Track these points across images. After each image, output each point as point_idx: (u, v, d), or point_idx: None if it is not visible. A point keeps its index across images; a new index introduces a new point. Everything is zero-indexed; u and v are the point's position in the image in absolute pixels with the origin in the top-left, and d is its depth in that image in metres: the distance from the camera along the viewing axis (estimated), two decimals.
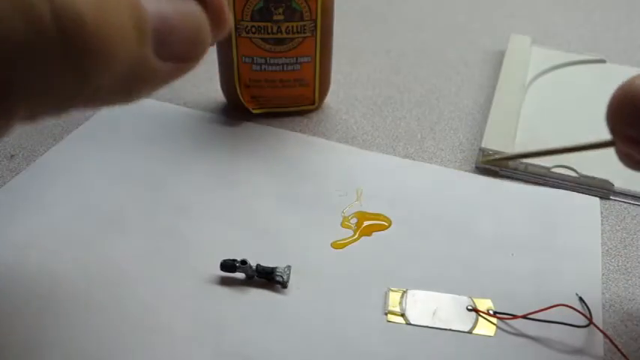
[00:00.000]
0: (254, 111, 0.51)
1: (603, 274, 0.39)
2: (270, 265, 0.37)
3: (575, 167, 0.45)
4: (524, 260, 0.39)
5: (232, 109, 0.53)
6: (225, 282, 0.37)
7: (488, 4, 0.76)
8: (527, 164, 0.46)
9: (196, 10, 0.20)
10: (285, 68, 0.49)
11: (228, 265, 0.37)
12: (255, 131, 0.51)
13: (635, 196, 0.45)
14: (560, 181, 0.46)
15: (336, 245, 0.40)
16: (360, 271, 0.38)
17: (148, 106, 0.53)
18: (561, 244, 0.41)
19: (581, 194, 0.45)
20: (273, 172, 0.46)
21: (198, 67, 0.21)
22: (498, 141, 0.47)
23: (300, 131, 0.51)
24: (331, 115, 0.53)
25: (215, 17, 0.20)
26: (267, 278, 0.37)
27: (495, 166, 0.47)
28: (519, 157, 0.35)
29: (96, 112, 0.52)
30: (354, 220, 0.42)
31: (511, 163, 0.46)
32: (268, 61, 0.49)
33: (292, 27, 0.47)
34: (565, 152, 0.33)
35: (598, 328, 0.35)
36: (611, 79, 0.57)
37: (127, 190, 0.44)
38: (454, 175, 0.47)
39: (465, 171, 0.47)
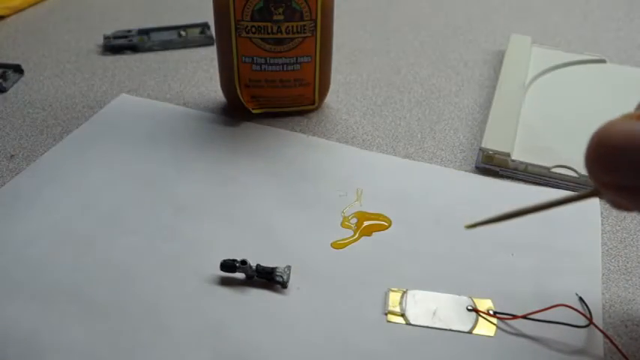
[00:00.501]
0: (254, 111, 0.51)
1: (603, 274, 0.39)
2: (270, 265, 0.37)
3: (575, 167, 0.45)
4: (524, 260, 0.39)
5: (232, 109, 0.53)
6: (225, 282, 0.37)
7: (488, 4, 0.76)
8: (527, 164, 0.46)
9: None
10: (285, 68, 0.49)
11: (228, 265, 0.37)
12: (255, 131, 0.51)
13: None
14: (560, 181, 0.46)
15: (336, 245, 0.40)
16: (360, 271, 0.38)
17: (148, 106, 0.53)
18: (561, 244, 0.41)
19: None
20: (273, 172, 0.46)
21: (198, 67, 0.21)
22: (498, 141, 0.47)
23: (300, 131, 0.51)
24: (331, 115, 0.53)
25: None
26: (267, 278, 0.37)
27: (495, 166, 0.47)
28: (491, 222, 0.33)
29: (96, 112, 0.52)
30: (354, 220, 0.42)
31: (511, 163, 0.46)
32: (268, 61, 0.49)
33: (292, 27, 0.47)
34: (547, 208, 0.31)
35: (598, 328, 0.35)
36: (611, 79, 0.58)
37: (127, 190, 0.44)
38: (454, 175, 0.47)
39: (465, 171, 0.47)
